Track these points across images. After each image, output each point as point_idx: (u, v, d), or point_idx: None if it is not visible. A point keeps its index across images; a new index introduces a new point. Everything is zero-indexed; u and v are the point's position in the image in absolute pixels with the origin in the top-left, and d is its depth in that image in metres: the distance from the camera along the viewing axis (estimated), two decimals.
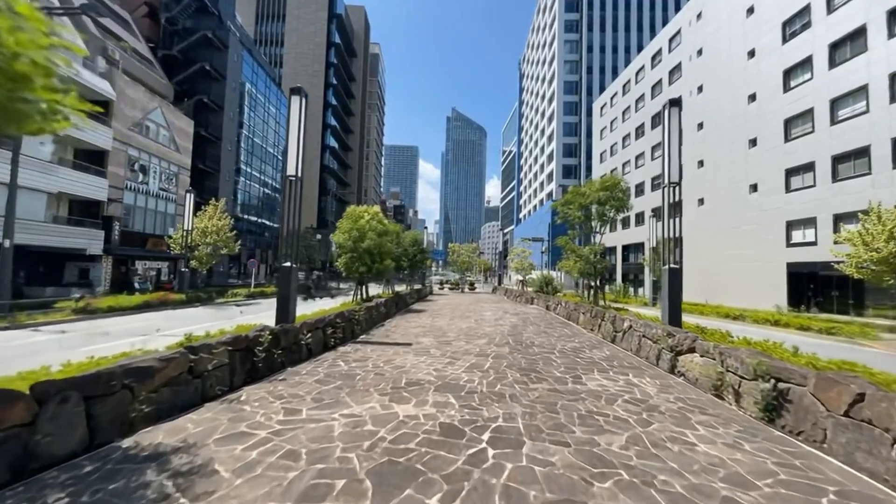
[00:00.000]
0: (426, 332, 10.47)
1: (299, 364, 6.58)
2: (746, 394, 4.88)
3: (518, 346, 8.67)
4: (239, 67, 39.15)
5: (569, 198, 16.42)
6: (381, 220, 16.72)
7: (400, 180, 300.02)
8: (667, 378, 6.32)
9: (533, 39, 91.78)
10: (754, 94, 25.12)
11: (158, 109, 28.67)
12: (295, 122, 9.18)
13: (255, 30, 74.39)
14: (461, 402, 4.65)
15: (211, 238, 22.08)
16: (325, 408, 4.40)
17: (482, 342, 8.99)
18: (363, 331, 10.05)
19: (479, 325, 12.03)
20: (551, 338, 10.01)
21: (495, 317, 14.88)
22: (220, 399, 4.66)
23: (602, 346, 9.00)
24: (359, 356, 7.25)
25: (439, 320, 13.25)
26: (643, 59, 39.25)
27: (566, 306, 15.28)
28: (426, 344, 8.62)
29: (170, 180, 29.85)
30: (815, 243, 20.79)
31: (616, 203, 15.14)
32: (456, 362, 6.83)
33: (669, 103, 9.93)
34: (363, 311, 10.04)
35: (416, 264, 29.27)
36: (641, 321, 8.57)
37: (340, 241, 15.19)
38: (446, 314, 15.61)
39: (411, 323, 12.36)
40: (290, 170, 9.23)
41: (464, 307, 19.03)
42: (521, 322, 13.27)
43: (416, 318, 14.07)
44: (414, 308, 18.16)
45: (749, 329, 13.85)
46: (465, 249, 41.68)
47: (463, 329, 11.08)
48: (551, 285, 21.10)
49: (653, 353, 7.51)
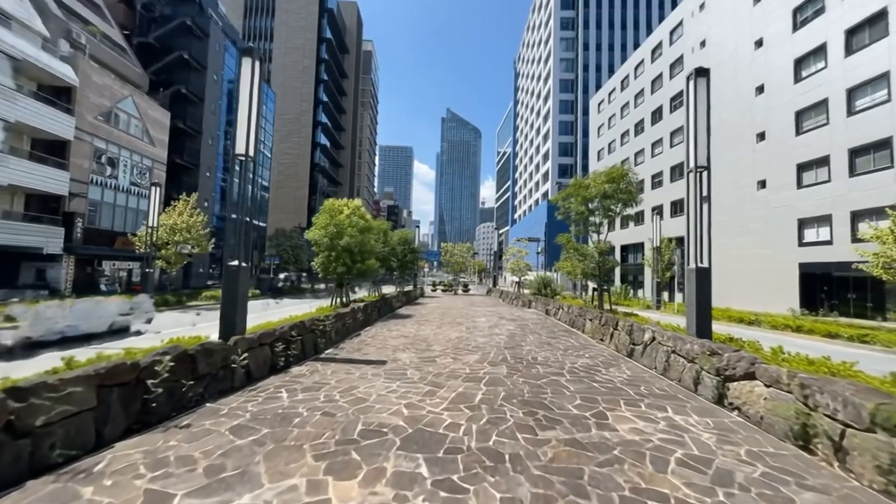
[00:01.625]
0: (408, 344, 8.80)
1: (227, 395, 4.89)
2: (858, 451, 3.31)
3: (518, 364, 7.04)
4: (221, 58, 37.22)
5: (570, 191, 14.87)
6: (364, 215, 15.03)
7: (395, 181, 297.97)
8: (718, 414, 4.73)
9: (528, 38, 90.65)
10: (762, 85, 23.83)
11: (129, 98, 26.73)
12: (246, 90, 7.51)
13: (244, 24, 72.31)
14: (436, 476, 3.00)
15: (180, 236, 20.21)
16: (213, 493, 2.73)
17: (473, 359, 7.35)
18: (331, 343, 8.37)
19: (470, 335, 10.39)
20: (556, 351, 8.40)
21: (490, 323, 13.25)
22: (59, 471, 2.97)
23: (619, 363, 7.41)
24: (312, 382, 5.57)
25: (426, 328, 11.59)
26: (643, 53, 38.01)
27: (568, 311, 13.70)
28: (404, 362, 6.96)
29: (143, 174, 27.89)
30: (831, 242, 19.48)
31: (623, 197, 13.60)
32: (437, 392, 5.18)
33: (696, 73, 8.38)
34: (332, 319, 8.36)
35: (406, 265, 27.57)
36: (669, 332, 7.00)
37: (316, 237, 13.49)
38: (435, 320, 13.94)
39: (393, 332, 10.69)
40: (240, 147, 7.56)
41: (455, 311, 17.39)
42: (519, 330, 11.66)
43: (400, 325, 12.40)
44: (400, 313, 16.47)
45: (767, 335, 12.39)
46: (459, 249, 39.94)
47: (452, 340, 9.43)
48: (550, 287, 19.56)
49: (688, 374, 5.93)
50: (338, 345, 8.44)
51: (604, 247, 13.76)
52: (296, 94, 68.36)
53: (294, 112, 68.17)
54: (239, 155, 7.50)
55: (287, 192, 60.94)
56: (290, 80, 68.51)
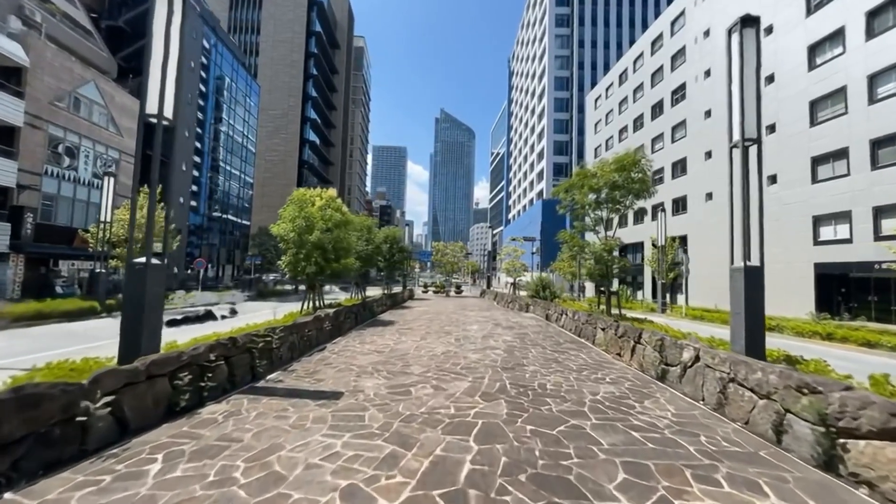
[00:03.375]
0: (379, 363, 6.95)
1: (59, 470, 3.03)
2: None
3: (521, 396, 5.24)
4: (198, 45, 35.01)
5: (574, 181, 13.17)
6: (340, 207, 13.15)
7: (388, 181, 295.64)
8: (838, 493, 3.00)
9: (523, 35, 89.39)
10: (772, 75, 22.40)
11: (92, 83, 24.52)
12: (161, 28, 5.63)
13: (229, 16, 69.88)
14: None
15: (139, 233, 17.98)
16: None
17: (462, 388, 5.53)
18: (279, 364, 6.50)
19: (460, 349, 8.57)
20: (568, 372, 6.62)
21: (484, 332, 11.44)
22: None
23: (652, 391, 5.66)
24: (217, 437, 3.72)
25: (407, 339, 9.74)
26: (642, 46, 36.63)
27: (573, 317, 11.95)
28: (367, 395, 5.12)
29: (108, 167, 25.65)
30: (850, 240, 18.05)
31: (636, 187, 11.92)
32: (402, 458, 3.35)
33: (741, 23, 6.70)
34: (281, 332, 6.49)
35: (393, 265, 25.71)
36: (721, 353, 5.26)
37: (281, 233, 11.59)
38: (420, 328, 12.09)
39: (366, 344, 8.82)
40: (151, 106, 5.69)
41: (445, 317, 15.56)
42: (518, 341, 9.86)
43: (378, 334, 10.54)
44: (382, 319, 14.58)
45: (795, 344, 10.77)
46: (451, 249, 37.99)
47: (436, 357, 7.59)
48: (549, 289, 17.85)
49: (762, 417, 4.19)
50: (288, 366, 6.56)
51: (613, 243, 12.05)
52: (283, 89, 66.11)
53: (281, 107, 65.90)
54: (149, 115, 5.62)
55: (274, 190, 58.65)
56: (277, 75, 66.24)
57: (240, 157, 45.38)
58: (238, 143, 44.85)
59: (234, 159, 44.03)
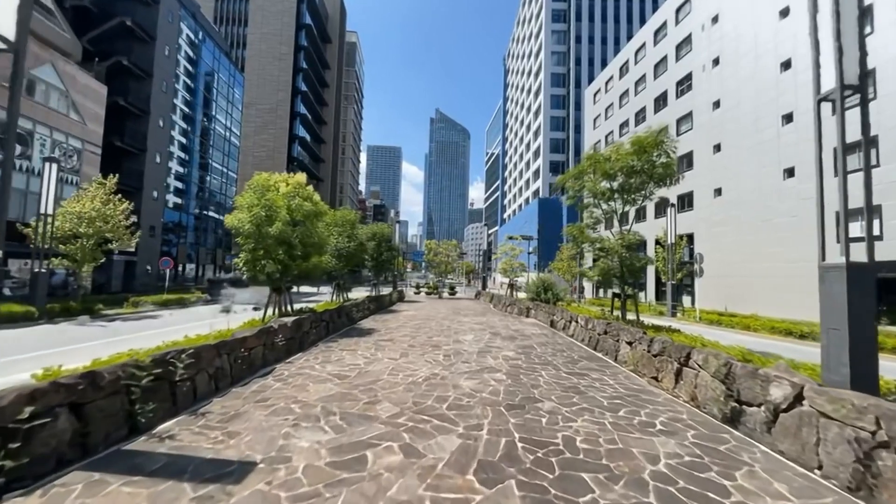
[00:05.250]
0: (334, 399, 4.96)
1: None
2: None
3: (540, 465, 3.31)
4: (175, 30, 32.73)
5: (584, 167, 11.32)
6: (311, 195, 11.15)
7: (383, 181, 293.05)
8: None
9: (518, 32, 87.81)
10: (788, 60, 20.80)
11: (49, 65, 22.26)
12: None
13: (216, 6, 67.40)
14: None
15: (90, 228, 15.91)
16: None
17: (449, 450, 3.58)
18: (187, 404, 4.52)
19: (450, 371, 6.63)
20: (601, 414, 4.71)
21: (480, 345, 9.50)
22: None
23: (735, 451, 3.77)
24: None
25: (383, 356, 7.77)
26: (644, 36, 35.03)
27: (586, 326, 10.07)
28: (291, 470, 3.16)
29: (68, 157, 23.39)
30: (881, 237, 16.45)
31: (659, 172, 10.10)
32: None
33: None
34: (185, 359, 4.51)
35: (381, 264, 23.72)
36: (854, 397, 3.41)
37: (235, 224, 9.56)
38: (404, 339, 10.13)
39: (329, 365, 6.84)
40: None
41: (434, 324, 13.60)
42: (522, 358, 7.94)
43: (350, 349, 8.57)
44: (361, 327, 12.57)
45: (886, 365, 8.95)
46: (445, 247, 35.88)
47: (417, 386, 5.65)
48: (552, 291, 16.01)
49: None
50: (203, 405, 4.58)
51: (632, 238, 10.22)
52: (272, 83, 63.75)
53: (270, 102, 63.54)
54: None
55: None
56: (265, 67, 63.88)
57: (222, 151, 43.04)
58: (220, 135, 42.52)
59: (216, 153, 41.71)
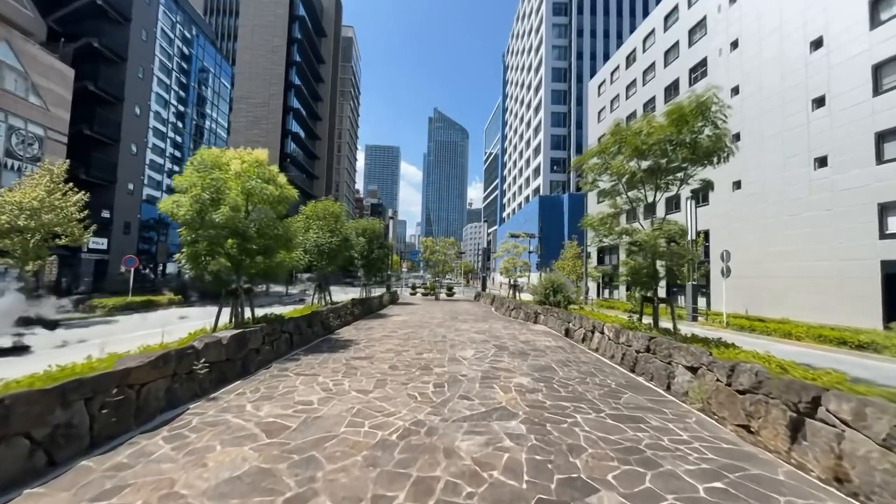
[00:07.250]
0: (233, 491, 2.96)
1: None
2: None
3: None
4: (154, 12, 30.61)
5: (608, 143, 9.33)
6: (274, 177, 9.06)
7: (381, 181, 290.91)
8: None
9: (518, 28, 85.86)
10: (819, 38, 18.87)
11: (3, 42, 20.13)
12: None
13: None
14: None
15: (31, 221, 13.78)
16: None
17: None
18: None
19: (439, 420, 4.55)
20: None
21: (483, 366, 7.44)
22: None
23: None
24: None
25: (351, 388, 5.67)
26: (653, 22, 33.10)
27: (617, 339, 8.02)
28: None
29: (27, 145, 21.26)
30: None
31: (707, 146, 8.11)
32: None
33: None
34: None
35: (373, 263, 21.66)
36: None
37: (170, 209, 7.49)
38: (386, 356, 8.07)
39: (266, 406, 4.73)
40: None
41: (428, 332, 11.54)
42: (544, 390, 5.84)
43: (310, 372, 6.50)
44: (337, 337, 10.48)
45: None
46: (441, 245, 33.72)
47: (388, 452, 3.56)
48: (563, 293, 14.01)
49: None
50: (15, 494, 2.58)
51: (674, 228, 8.20)
52: (264, 77, 61.56)
53: (262, 96, 61.35)
54: None
55: None
56: (257, 60, 61.69)
57: (208, 145, 40.92)
58: (207, 128, 40.39)
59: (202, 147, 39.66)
